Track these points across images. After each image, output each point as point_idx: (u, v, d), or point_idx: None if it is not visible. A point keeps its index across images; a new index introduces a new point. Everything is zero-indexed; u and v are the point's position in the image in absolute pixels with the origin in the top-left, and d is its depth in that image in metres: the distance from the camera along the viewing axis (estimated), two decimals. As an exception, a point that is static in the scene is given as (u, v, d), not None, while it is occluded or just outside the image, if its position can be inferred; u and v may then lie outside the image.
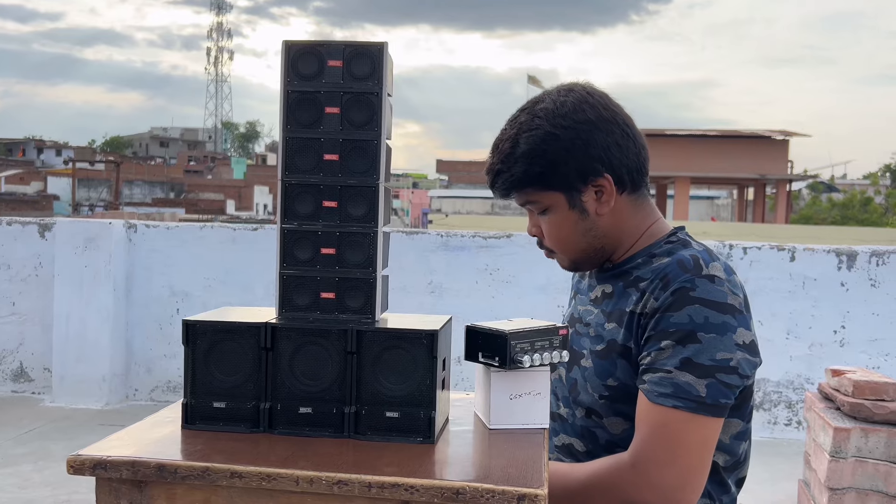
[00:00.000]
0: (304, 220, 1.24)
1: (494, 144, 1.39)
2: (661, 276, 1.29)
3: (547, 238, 1.40)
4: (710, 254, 1.32)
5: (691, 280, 1.25)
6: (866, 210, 38.17)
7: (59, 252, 4.71)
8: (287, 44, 1.24)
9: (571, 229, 1.37)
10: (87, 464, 1.07)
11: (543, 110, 1.34)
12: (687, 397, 1.22)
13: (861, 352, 4.48)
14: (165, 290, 4.83)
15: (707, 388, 1.22)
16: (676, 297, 1.25)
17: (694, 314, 1.24)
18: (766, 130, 32.26)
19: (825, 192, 46.66)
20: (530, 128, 1.33)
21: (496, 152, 1.38)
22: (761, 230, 20.97)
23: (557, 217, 1.36)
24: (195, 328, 1.20)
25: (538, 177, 1.34)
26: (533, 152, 1.33)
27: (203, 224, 4.89)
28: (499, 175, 1.36)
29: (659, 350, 1.25)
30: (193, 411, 1.21)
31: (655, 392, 1.24)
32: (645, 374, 1.26)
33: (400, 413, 1.17)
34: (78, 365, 4.71)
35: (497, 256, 4.60)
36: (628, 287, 1.35)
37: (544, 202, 1.36)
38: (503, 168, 1.35)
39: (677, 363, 1.23)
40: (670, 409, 1.22)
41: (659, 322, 1.26)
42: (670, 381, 1.23)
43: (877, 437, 2.78)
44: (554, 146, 1.32)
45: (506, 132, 1.38)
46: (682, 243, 1.36)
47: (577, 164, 1.32)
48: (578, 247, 1.38)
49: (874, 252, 4.50)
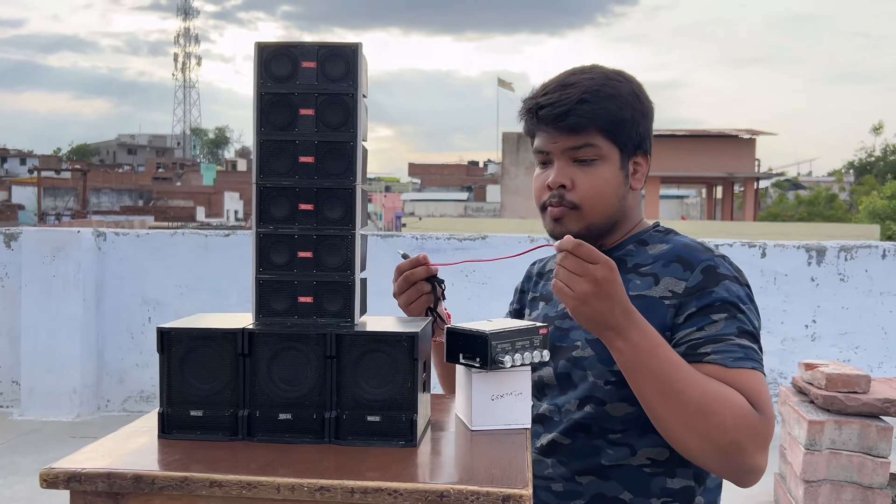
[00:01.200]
0: (279, 224, 1.22)
1: (559, 84, 1.38)
2: (674, 258, 1.36)
3: (582, 190, 1.37)
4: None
5: (712, 259, 1.34)
6: (831, 206, 38.81)
7: (26, 262, 4.63)
8: (260, 45, 1.22)
9: (614, 189, 1.39)
10: (60, 477, 1.05)
11: (620, 73, 1.41)
12: (756, 359, 1.28)
13: (832, 345, 4.55)
14: (137, 298, 4.76)
15: (760, 351, 1.30)
16: (707, 274, 1.32)
17: (729, 288, 1.32)
18: (734, 129, 32.66)
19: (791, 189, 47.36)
20: (615, 79, 1.38)
21: (566, 88, 1.36)
22: (731, 228, 21.25)
23: (606, 171, 1.38)
24: (170, 335, 1.18)
25: (615, 122, 1.36)
26: (619, 99, 1.36)
27: (174, 231, 4.83)
28: (581, 104, 1.34)
29: (712, 323, 1.29)
30: (170, 420, 1.18)
31: (731, 357, 1.26)
32: (704, 346, 1.28)
33: (381, 417, 1.16)
34: (47, 377, 4.63)
35: (473, 258, 4.60)
36: (627, 273, 1.37)
37: (602, 151, 1.37)
38: (588, 99, 1.34)
39: (735, 331, 1.28)
40: (751, 370, 1.26)
41: (701, 299, 1.31)
42: (738, 346, 1.27)
43: (850, 428, 2.82)
44: (634, 104, 1.38)
45: (579, 76, 1.38)
46: (670, 232, 1.44)
47: (640, 132, 1.39)
48: (608, 210, 1.39)
49: (843, 247, 4.57)
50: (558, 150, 1.38)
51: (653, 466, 1.34)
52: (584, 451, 1.37)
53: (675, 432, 1.22)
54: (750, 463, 1.21)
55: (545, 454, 1.41)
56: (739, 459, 1.20)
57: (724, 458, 1.21)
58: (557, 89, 1.37)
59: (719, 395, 1.20)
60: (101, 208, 43.67)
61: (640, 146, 1.41)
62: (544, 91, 1.39)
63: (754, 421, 1.21)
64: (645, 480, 1.35)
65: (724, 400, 1.20)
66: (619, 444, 1.35)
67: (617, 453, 1.35)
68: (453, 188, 57.06)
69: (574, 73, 1.39)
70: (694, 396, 1.20)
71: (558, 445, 1.39)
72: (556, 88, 1.37)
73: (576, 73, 1.39)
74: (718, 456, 1.21)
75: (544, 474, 1.41)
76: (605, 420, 1.35)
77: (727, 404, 1.20)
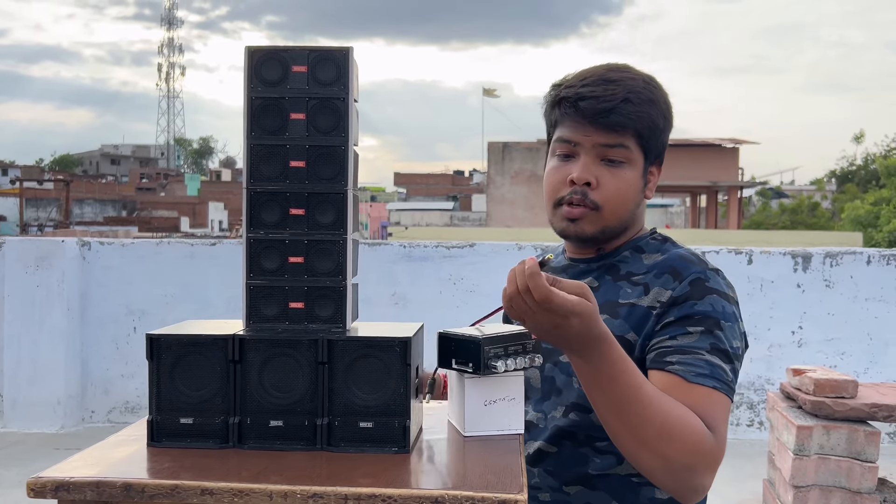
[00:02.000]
0: (270, 229, 1.21)
1: (601, 78, 1.34)
2: (667, 269, 1.33)
3: (606, 190, 1.35)
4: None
5: (704, 272, 1.31)
6: (814, 214, 39.13)
7: (8, 272, 4.58)
8: (250, 49, 1.21)
9: (634, 194, 1.37)
10: (48, 486, 1.03)
11: (655, 79, 1.40)
12: (721, 379, 1.24)
13: (818, 351, 4.58)
14: (122, 308, 4.72)
15: (731, 373, 1.26)
16: (695, 287, 1.29)
17: (714, 303, 1.28)
18: (717, 139, 32.89)
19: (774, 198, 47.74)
20: (652, 84, 1.38)
21: (609, 84, 1.33)
22: (716, 236, 21.37)
23: (630, 175, 1.36)
24: (159, 342, 1.17)
25: (650, 129, 1.35)
26: (657, 106, 1.36)
27: (160, 240, 4.80)
28: (625, 103, 1.32)
29: (686, 334, 1.26)
30: (159, 428, 1.17)
31: (693, 372, 1.23)
32: (671, 356, 1.25)
33: (374, 423, 1.15)
34: (31, 388, 4.58)
35: (460, 266, 4.60)
36: (618, 280, 1.36)
37: (632, 155, 1.35)
38: (632, 100, 1.32)
39: (707, 347, 1.25)
40: (710, 389, 1.23)
41: (682, 309, 1.28)
42: (705, 362, 1.24)
43: (838, 433, 2.83)
44: (666, 114, 1.39)
45: (620, 73, 1.36)
46: (667, 241, 1.42)
47: (664, 142, 1.40)
48: (625, 215, 1.38)
49: (828, 253, 4.60)
50: (589, 144, 1.33)
51: (640, 476, 1.32)
52: (570, 459, 1.36)
53: (628, 449, 1.20)
54: (698, 483, 1.20)
55: (532, 463, 1.39)
56: (688, 479, 1.19)
57: (673, 477, 1.19)
58: (600, 83, 1.33)
59: (682, 421, 1.17)
60: (84, 219, 43.36)
61: (660, 156, 1.41)
62: (583, 82, 1.35)
63: (710, 445, 1.19)
64: (633, 490, 1.33)
65: (684, 425, 1.17)
66: (606, 452, 1.33)
67: (604, 462, 1.34)
68: (439, 198, 57.11)
69: (613, 70, 1.36)
70: (654, 420, 1.16)
71: (545, 454, 1.38)
72: (599, 82, 1.33)
73: (615, 70, 1.36)
74: (668, 476, 1.19)
75: (531, 484, 1.39)
76: (591, 428, 1.33)
77: (687, 430, 1.17)
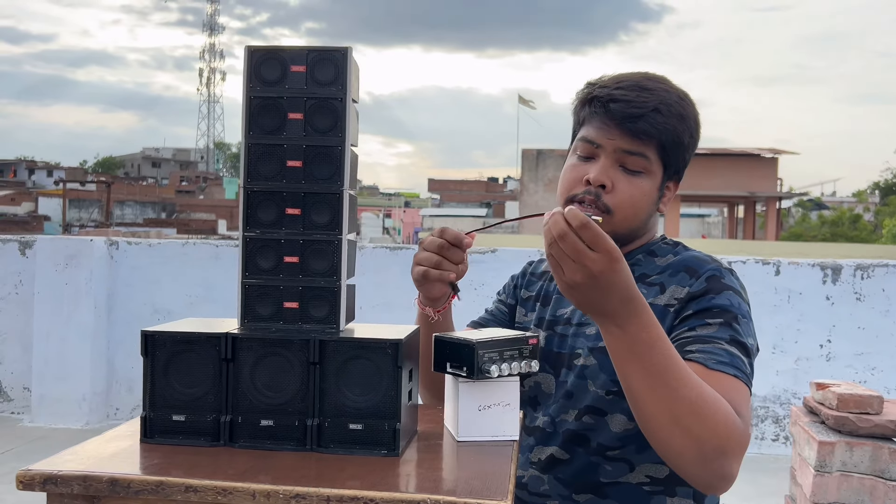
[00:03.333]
0: (266, 229, 1.21)
1: (636, 84, 1.34)
2: (682, 268, 1.34)
3: (620, 195, 1.34)
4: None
5: (719, 269, 1.33)
6: (856, 227, 38.37)
7: (39, 270, 4.67)
8: (250, 49, 1.22)
9: (647, 205, 1.37)
10: (37, 479, 1.04)
11: (688, 95, 1.39)
12: (740, 368, 1.23)
13: (847, 366, 4.47)
14: (147, 307, 4.79)
15: (749, 366, 1.25)
16: (711, 283, 1.30)
17: (731, 298, 1.29)
18: (756, 148, 32.45)
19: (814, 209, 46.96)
20: (686, 100, 1.38)
21: (643, 91, 1.33)
22: (751, 247, 21.05)
23: (647, 186, 1.36)
24: (154, 339, 1.17)
25: (674, 143, 1.35)
26: (685, 121, 1.35)
27: (185, 241, 4.85)
28: (655, 113, 1.32)
29: (705, 325, 1.26)
30: (152, 425, 1.17)
31: (714, 360, 1.22)
32: (691, 345, 1.24)
33: (363, 425, 1.14)
34: (58, 384, 4.66)
35: (482, 272, 4.58)
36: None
37: (652, 166, 1.35)
38: (662, 111, 1.32)
39: (727, 337, 1.25)
40: (731, 376, 1.21)
41: (700, 303, 1.28)
42: (725, 351, 1.23)
43: (862, 450, 2.76)
44: (693, 131, 1.38)
45: (656, 83, 1.36)
46: (678, 245, 1.43)
47: (686, 159, 1.40)
48: (636, 223, 1.38)
49: (859, 265, 4.50)
50: (611, 148, 1.33)
51: (652, 485, 1.31)
52: (582, 467, 1.34)
53: (660, 428, 1.13)
54: (727, 470, 1.15)
55: (542, 470, 1.38)
56: (719, 465, 1.13)
57: (704, 462, 1.13)
58: (634, 89, 1.33)
59: (715, 400, 1.14)
60: (124, 220, 44.14)
61: (679, 172, 1.41)
62: (617, 85, 1.34)
63: (741, 428, 1.16)
64: (644, 499, 1.32)
65: (719, 405, 1.14)
66: (618, 459, 1.32)
67: (615, 470, 1.32)
68: (472, 204, 57.07)
69: (649, 79, 1.36)
70: (689, 396, 1.11)
71: (556, 461, 1.36)
72: (633, 88, 1.33)
73: (651, 80, 1.36)
74: (700, 460, 1.13)
75: (540, 491, 1.38)
76: (604, 433, 1.32)
77: (721, 410, 1.14)
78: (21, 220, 34.66)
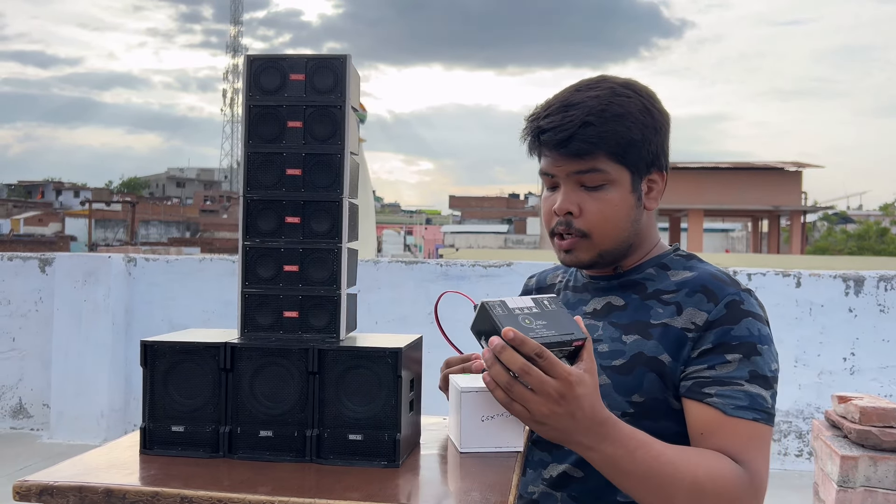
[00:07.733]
0: (266, 237, 1.20)
1: (561, 104, 1.29)
2: (699, 288, 1.28)
3: (590, 217, 1.30)
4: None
5: (738, 294, 1.27)
6: (883, 241, 37.82)
7: (58, 287, 4.71)
8: (249, 58, 1.22)
9: (625, 213, 1.31)
10: (33, 490, 1.03)
11: (632, 85, 1.32)
12: (761, 409, 1.21)
13: (872, 379, 4.38)
14: (165, 323, 4.81)
15: (770, 398, 1.23)
16: (731, 310, 1.25)
17: (750, 327, 1.25)
18: (779, 162, 32.19)
19: (840, 223, 46.40)
20: (623, 95, 1.29)
21: (568, 109, 1.28)
22: (775, 261, 20.80)
23: (616, 196, 1.30)
24: (153, 349, 1.17)
25: (623, 145, 1.27)
26: (627, 119, 1.27)
27: (202, 257, 4.88)
28: (585, 127, 1.26)
29: (725, 363, 1.22)
30: (152, 436, 1.17)
31: (732, 405, 1.20)
32: (709, 387, 1.22)
33: (363, 436, 1.12)
34: (76, 400, 4.69)
35: (498, 285, 4.55)
36: (647, 299, 1.31)
37: (610, 175, 1.29)
38: (592, 122, 1.26)
39: (746, 375, 1.21)
40: (750, 421, 1.19)
41: (719, 335, 1.24)
42: (744, 393, 1.20)
43: (886, 465, 2.69)
44: (645, 121, 1.29)
45: (584, 93, 1.29)
46: (692, 257, 1.37)
47: (654, 149, 1.31)
48: (620, 235, 1.32)
49: (882, 277, 4.42)
50: (563, 174, 1.30)
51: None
52: (597, 486, 1.29)
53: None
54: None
55: (555, 487, 1.33)
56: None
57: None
58: (560, 110, 1.28)
59: (709, 474, 1.14)
60: (149, 239, 44.66)
61: (654, 164, 1.32)
62: (546, 112, 1.31)
63: (744, 491, 1.15)
64: None
65: (716, 479, 1.14)
66: None
67: None
68: (493, 220, 57.08)
69: (579, 91, 1.31)
70: (684, 484, 1.12)
71: (570, 479, 1.31)
72: (559, 109, 1.29)
73: (580, 90, 1.31)
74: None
75: None
76: None
77: (720, 483, 1.13)
78: (48, 240, 35.17)
